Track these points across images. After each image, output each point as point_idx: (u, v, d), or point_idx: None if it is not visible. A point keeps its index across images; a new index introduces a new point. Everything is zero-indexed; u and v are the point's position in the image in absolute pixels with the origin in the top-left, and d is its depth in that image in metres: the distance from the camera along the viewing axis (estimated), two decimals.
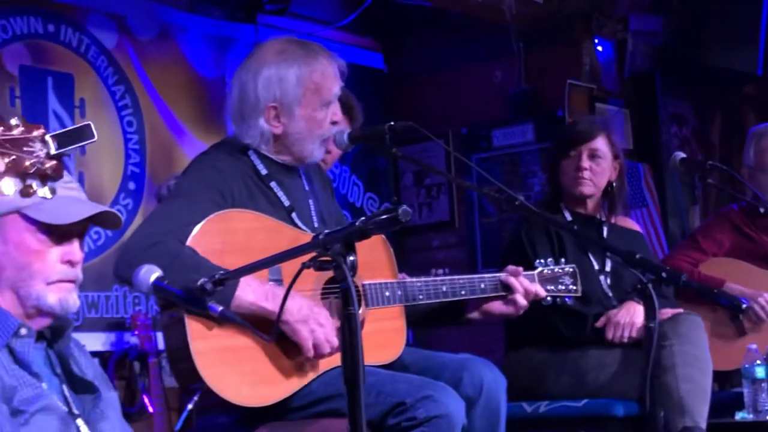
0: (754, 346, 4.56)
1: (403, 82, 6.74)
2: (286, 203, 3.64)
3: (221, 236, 3.41)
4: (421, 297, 3.65)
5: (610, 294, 4.54)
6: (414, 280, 3.68)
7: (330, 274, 2.73)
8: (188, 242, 3.31)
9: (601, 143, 4.59)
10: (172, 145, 5.75)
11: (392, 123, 3.58)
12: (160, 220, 3.41)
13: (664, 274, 3.26)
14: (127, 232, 4.65)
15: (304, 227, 3.62)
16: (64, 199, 2.73)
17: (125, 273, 3.21)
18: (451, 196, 6.56)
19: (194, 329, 3.24)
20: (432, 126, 4.31)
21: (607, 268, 4.60)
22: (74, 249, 2.74)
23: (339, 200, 6.28)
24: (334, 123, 3.71)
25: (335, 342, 3.35)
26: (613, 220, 4.70)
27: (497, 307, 3.83)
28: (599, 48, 6.48)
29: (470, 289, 3.77)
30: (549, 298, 3.93)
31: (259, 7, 6.17)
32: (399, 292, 3.61)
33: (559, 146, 4.72)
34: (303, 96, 3.61)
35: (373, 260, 3.68)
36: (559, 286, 3.98)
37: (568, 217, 4.61)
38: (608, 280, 4.58)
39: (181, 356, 3.29)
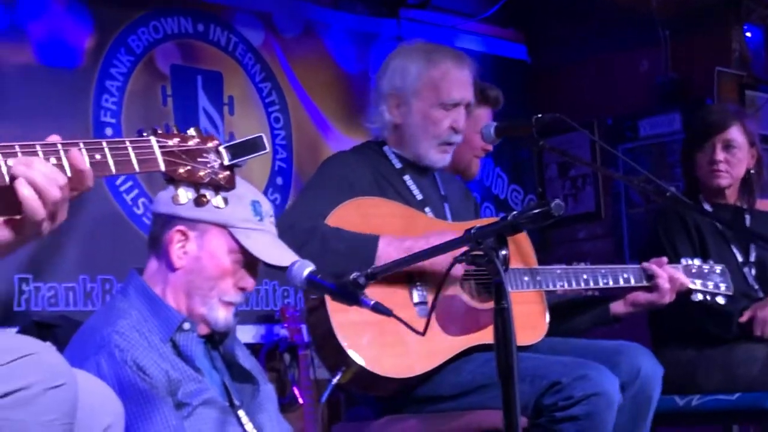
0: None
1: (546, 73, 6.72)
2: (419, 197, 3.74)
3: (358, 219, 3.51)
4: (561, 284, 3.69)
5: (756, 286, 4.45)
6: (554, 267, 3.71)
7: None
8: (327, 221, 3.44)
9: (735, 133, 4.47)
10: (317, 140, 5.84)
11: (539, 115, 3.60)
12: (295, 209, 3.59)
13: None
14: None
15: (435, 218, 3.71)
16: (270, 236, 2.87)
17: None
18: (597, 187, 6.51)
19: (334, 306, 3.32)
20: (576, 117, 4.26)
21: (752, 259, 4.51)
22: (253, 281, 2.91)
23: (483, 192, 6.32)
24: (454, 130, 3.75)
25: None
26: (755, 207, 4.60)
27: (642, 296, 3.84)
28: (748, 34, 6.35)
29: (613, 277, 3.78)
30: (699, 295, 3.91)
31: (402, 2, 6.22)
32: (539, 278, 3.66)
33: (692, 137, 4.66)
34: (420, 90, 3.72)
35: (515, 248, 3.73)
36: (708, 283, 3.94)
37: (708, 209, 4.50)
38: (753, 271, 4.49)
39: (323, 332, 3.38)
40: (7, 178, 1.83)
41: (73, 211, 5.04)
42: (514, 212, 2.57)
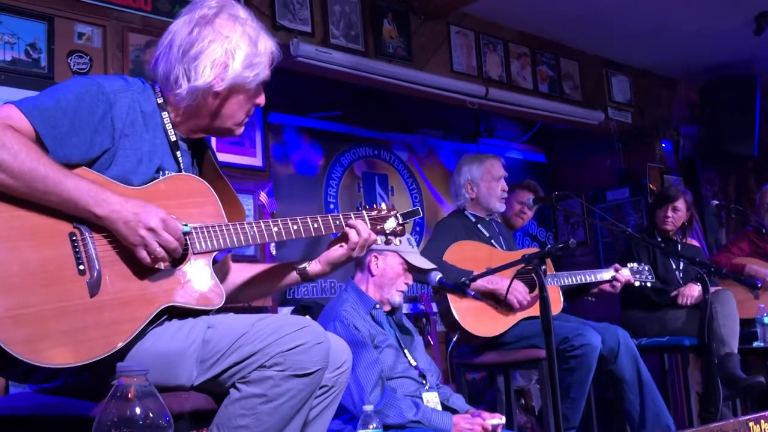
0: (762, 305, 4.31)
1: (556, 169, 6.61)
2: (486, 235, 3.70)
3: (459, 253, 3.47)
4: (568, 281, 3.61)
5: (681, 281, 4.32)
6: (564, 273, 3.63)
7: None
8: (443, 257, 3.41)
9: (680, 203, 4.39)
10: (436, 207, 5.79)
11: (557, 192, 3.55)
12: (429, 250, 3.51)
13: (713, 269, 3.12)
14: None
15: (499, 248, 3.65)
16: (417, 255, 2.89)
17: (416, 276, 3.35)
18: (585, 227, 6.36)
19: (452, 299, 3.31)
20: (573, 190, 4.26)
21: (681, 267, 4.37)
22: (409, 279, 2.89)
23: (522, 230, 6.20)
24: (503, 191, 3.73)
25: (527, 302, 3.38)
26: (684, 240, 4.51)
27: (607, 288, 3.75)
28: (663, 145, 6.21)
29: (594, 277, 3.70)
30: (637, 283, 3.81)
31: (478, 134, 6.18)
32: (557, 279, 3.59)
33: (656, 202, 4.55)
34: (482, 176, 3.71)
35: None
36: (642, 276, 3.85)
37: (659, 239, 4.41)
38: (680, 273, 4.35)
39: (446, 312, 3.36)
40: (345, 227, 1.97)
41: (317, 244, 5.08)
42: (549, 246, 2.54)
